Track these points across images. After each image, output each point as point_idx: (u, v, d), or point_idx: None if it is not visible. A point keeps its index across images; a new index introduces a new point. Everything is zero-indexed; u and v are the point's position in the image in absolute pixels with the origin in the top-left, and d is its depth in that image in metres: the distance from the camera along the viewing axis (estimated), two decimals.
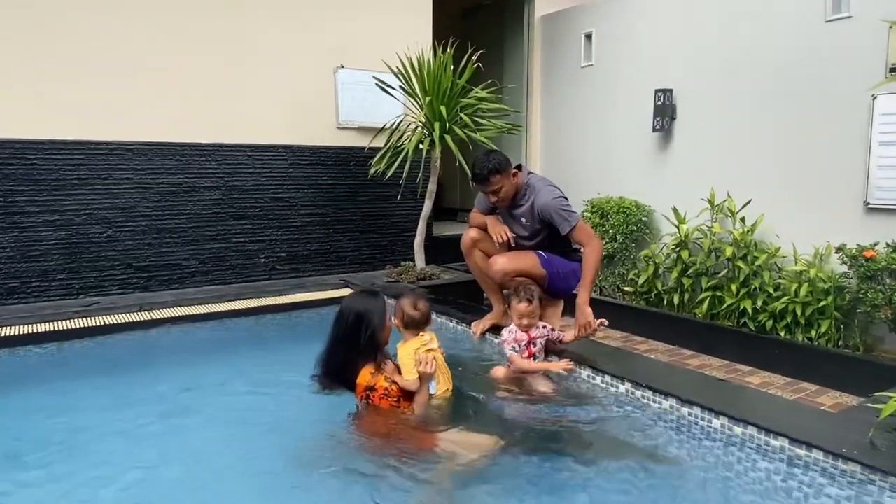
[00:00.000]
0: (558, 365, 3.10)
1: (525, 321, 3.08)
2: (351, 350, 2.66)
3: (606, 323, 3.22)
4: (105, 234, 4.59)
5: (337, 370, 2.70)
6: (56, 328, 3.83)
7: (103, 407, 2.99)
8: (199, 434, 2.75)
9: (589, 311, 3.19)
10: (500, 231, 3.51)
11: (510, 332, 3.15)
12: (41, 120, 4.32)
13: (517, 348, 3.10)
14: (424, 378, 2.66)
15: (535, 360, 3.12)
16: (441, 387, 2.78)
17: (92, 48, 4.44)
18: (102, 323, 3.96)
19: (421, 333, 2.78)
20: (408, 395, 2.67)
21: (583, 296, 3.24)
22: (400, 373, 2.70)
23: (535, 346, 3.13)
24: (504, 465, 2.40)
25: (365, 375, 2.63)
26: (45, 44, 4.29)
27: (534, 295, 3.09)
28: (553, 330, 3.23)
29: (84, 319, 3.98)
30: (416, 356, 2.67)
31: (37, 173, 4.33)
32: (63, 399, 3.14)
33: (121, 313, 4.15)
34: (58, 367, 3.61)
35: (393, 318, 2.80)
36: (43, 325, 3.87)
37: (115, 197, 4.61)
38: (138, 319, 4.07)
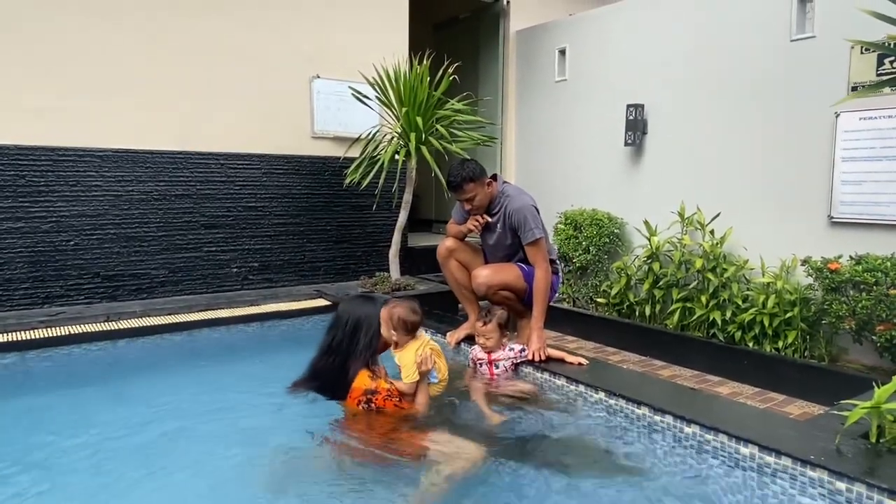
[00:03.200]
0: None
1: (481, 340, 3.22)
2: (348, 356, 2.62)
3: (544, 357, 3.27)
4: (72, 243, 4.49)
5: (329, 376, 2.65)
6: (19, 338, 3.72)
7: (68, 419, 2.90)
8: (169, 446, 2.68)
9: (543, 336, 3.31)
10: (473, 218, 3.54)
11: (472, 350, 3.33)
12: (6, 125, 4.22)
13: (479, 365, 3.28)
14: (424, 376, 2.72)
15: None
16: (442, 373, 2.92)
17: (59, 53, 4.35)
18: (68, 333, 3.85)
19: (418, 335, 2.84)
20: (406, 395, 2.72)
21: (537, 322, 3.33)
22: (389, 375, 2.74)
23: (497, 367, 3.22)
24: (481, 475, 2.39)
25: (363, 379, 2.60)
26: (9, 48, 4.20)
27: (492, 318, 3.19)
28: (522, 350, 3.25)
29: (49, 329, 3.87)
30: (418, 356, 2.71)
31: (1, 179, 4.22)
32: (26, 411, 3.04)
33: (87, 323, 4.05)
34: (20, 378, 3.50)
35: (390, 331, 2.76)
36: (5, 335, 3.75)
37: (83, 204, 4.51)
38: (105, 329, 3.97)
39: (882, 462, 2.06)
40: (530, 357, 3.22)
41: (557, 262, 3.72)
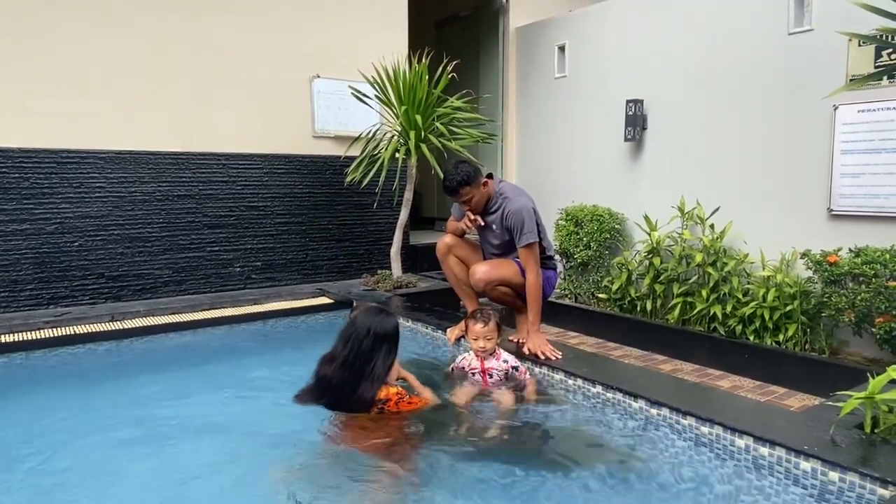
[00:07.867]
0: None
1: (480, 342, 3.05)
2: (361, 376, 2.53)
3: (559, 355, 3.24)
4: (76, 244, 4.54)
5: (337, 392, 2.59)
6: (25, 338, 3.77)
7: (74, 419, 2.94)
8: (173, 446, 2.70)
9: (542, 337, 3.34)
10: (468, 217, 3.56)
11: (462, 359, 3.20)
12: (10, 128, 4.27)
13: (471, 374, 3.14)
14: None
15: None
16: None
17: (62, 55, 4.40)
18: (73, 333, 3.91)
19: None
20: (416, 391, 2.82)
21: (535, 324, 3.37)
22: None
23: (491, 376, 3.11)
24: (477, 471, 2.41)
25: None
26: (12, 51, 4.25)
27: (492, 318, 3.09)
28: (516, 369, 3.16)
29: (54, 329, 3.93)
30: None
31: (6, 182, 4.27)
32: (31, 411, 3.07)
33: (92, 323, 4.10)
34: (26, 377, 3.55)
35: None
36: (11, 335, 3.80)
37: (87, 206, 4.56)
38: (110, 329, 4.02)
39: (875, 452, 2.08)
40: (542, 358, 3.18)
41: (555, 257, 3.74)
